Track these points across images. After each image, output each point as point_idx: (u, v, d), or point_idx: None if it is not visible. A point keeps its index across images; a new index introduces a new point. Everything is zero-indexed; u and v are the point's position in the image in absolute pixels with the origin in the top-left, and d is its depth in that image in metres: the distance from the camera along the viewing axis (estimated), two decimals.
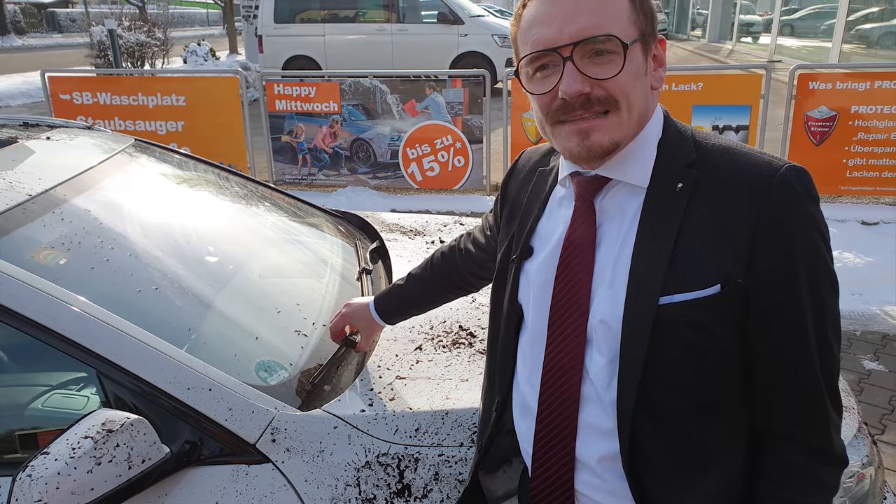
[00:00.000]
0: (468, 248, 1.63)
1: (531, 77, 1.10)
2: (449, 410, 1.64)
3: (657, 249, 1.05)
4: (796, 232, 1.01)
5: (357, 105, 6.84)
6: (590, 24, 1.02)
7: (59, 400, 1.73)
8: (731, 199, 1.03)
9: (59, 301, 1.53)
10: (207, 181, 2.70)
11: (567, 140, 1.08)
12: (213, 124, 7.03)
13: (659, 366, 1.05)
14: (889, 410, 3.40)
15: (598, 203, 1.14)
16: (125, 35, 14.03)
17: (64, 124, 2.71)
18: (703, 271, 1.02)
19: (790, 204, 1.01)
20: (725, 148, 1.09)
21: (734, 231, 1.02)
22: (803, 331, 1.04)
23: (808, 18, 16.05)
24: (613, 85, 1.04)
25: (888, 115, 5.76)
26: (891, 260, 4.92)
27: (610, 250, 1.11)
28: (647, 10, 1.09)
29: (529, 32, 1.07)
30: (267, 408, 1.56)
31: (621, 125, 1.06)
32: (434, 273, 1.69)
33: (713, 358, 1.06)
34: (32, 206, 1.82)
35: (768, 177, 1.02)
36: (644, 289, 1.05)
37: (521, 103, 6.43)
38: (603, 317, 1.09)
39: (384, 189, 7.08)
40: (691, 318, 1.03)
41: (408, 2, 13.75)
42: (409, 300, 1.73)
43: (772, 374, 1.06)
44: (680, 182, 1.07)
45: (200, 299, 1.93)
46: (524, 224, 1.27)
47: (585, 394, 1.13)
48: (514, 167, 1.41)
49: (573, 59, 1.03)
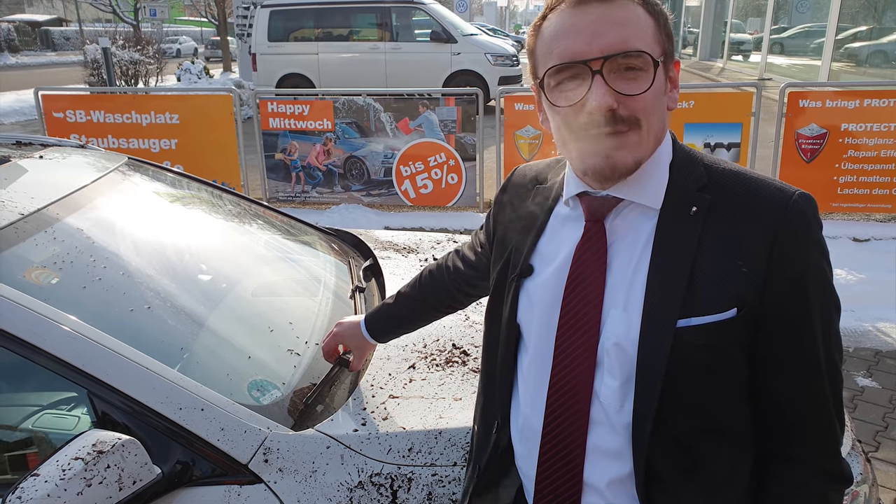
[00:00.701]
0: (457, 266, 1.61)
1: (553, 89, 1.07)
2: (442, 430, 1.63)
3: (674, 273, 1.05)
4: (808, 257, 1.03)
5: (351, 123, 6.86)
6: (620, 38, 1.02)
7: (50, 420, 1.71)
8: (745, 225, 1.04)
9: (50, 320, 1.52)
10: (200, 199, 2.70)
11: (591, 157, 1.06)
12: (206, 142, 7.04)
13: (675, 390, 1.04)
14: (883, 427, 3.40)
15: (608, 223, 1.12)
16: (119, 53, 14.07)
17: (57, 143, 2.71)
18: (721, 295, 1.03)
19: (803, 231, 1.03)
20: (736, 173, 1.10)
21: (749, 256, 1.02)
22: (815, 353, 1.05)
23: (798, 37, 16.20)
24: (639, 102, 1.03)
25: (878, 132, 5.81)
26: (883, 277, 4.94)
27: (623, 272, 1.09)
28: (668, 30, 1.09)
29: (555, 43, 1.05)
30: (259, 428, 1.55)
31: (641, 144, 1.06)
32: (422, 291, 1.67)
33: (727, 381, 1.07)
34: (24, 226, 1.82)
35: (782, 204, 1.03)
36: (661, 312, 1.04)
37: (513, 121, 6.46)
38: (617, 339, 1.07)
39: (378, 206, 7.08)
40: (708, 341, 1.03)
41: (401, 20, 13.85)
42: (398, 319, 1.72)
43: (784, 397, 1.07)
44: (694, 206, 1.07)
45: (193, 318, 1.92)
46: (523, 242, 1.25)
47: (594, 416, 1.11)
48: (508, 184, 1.39)
49: (602, 72, 1.01)
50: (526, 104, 6.48)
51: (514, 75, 13.64)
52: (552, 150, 1.16)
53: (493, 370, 1.31)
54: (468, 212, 6.90)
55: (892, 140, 5.80)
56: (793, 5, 16.66)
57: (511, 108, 6.50)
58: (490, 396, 1.33)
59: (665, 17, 1.09)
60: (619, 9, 1.03)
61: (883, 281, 4.88)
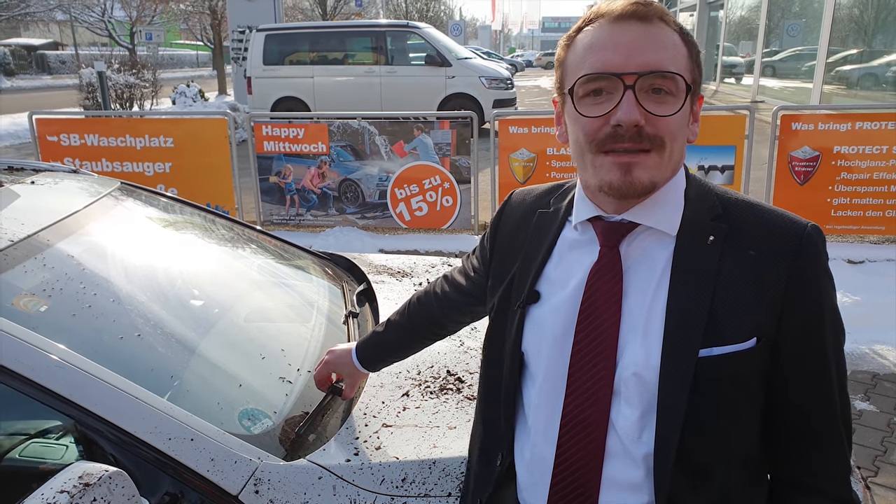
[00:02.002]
0: (446, 292, 1.56)
1: (582, 98, 1.06)
2: (436, 459, 1.61)
3: (694, 301, 1.04)
4: (822, 287, 1.06)
5: (346, 146, 6.87)
6: (657, 58, 1.02)
7: (37, 449, 1.68)
8: (762, 255, 1.04)
9: (37, 349, 1.49)
10: (193, 224, 2.68)
11: (609, 172, 1.04)
12: (201, 165, 7.03)
13: (697, 419, 1.03)
14: (881, 451, 3.38)
15: (622, 249, 1.11)
16: (114, 77, 14.12)
17: (49, 168, 2.70)
18: (741, 325, 1.03)
19: (816, 262, 1.05)
20: (748, 203, 1.11)
21: (767, 286, 1.03)
22: (828, 381, 1.07)
23: (789, 60, 16.37)
24: (666, 125, 1.03)
25: (870, 155, 5.84)
26: (878, 299, 4.93)
27: (640, 300, 1.08)
28: (699, 62, 1.09)
29: (590, 54, 1.05)
30: (250, 458, 1.52)
31: (661, 166, 1.05)
32: (411, 319, 1.62)
33: (747, 410, 1.07)
34: (14, 252, 1.80)
35: (797, 235, 1.05)
36: (682, 341, 1.03)
37: (508, 144, 6.48)
38: (636, 369, 1.05)
39: (372, 229, 7.07)
40: (730, 371, 1.03)
41: (396, 44, 13.95)
42: (388, 348, 1.68)
43: (800, 425, 1.09)
44: (711, 235, 1.07)
45: (184, 345, 1.89)
46: (527, 268, 1.22)
47: (610, 447, 1.09)
48: (505, 208, 1.36)
49: (635, 88, 1.01)
50: (520, 127, 6.50)
51: (509, 98, 13.72)
52: (547, 173, 1.15)
53: (494, 399, 1.27)
54: (463, 234, 6.89)
55: (885, 162, 5.83)
56: (784, 29, 16.86)
57: (505, 131, 6.52)
58: (492, 426, 1.29)
59: (697, 50, 1.09)
60: (658, 31, 1.04)
61: (879, 303, 4.88)
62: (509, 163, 6.52)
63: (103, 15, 28.73)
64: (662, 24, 1.04)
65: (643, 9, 1.03)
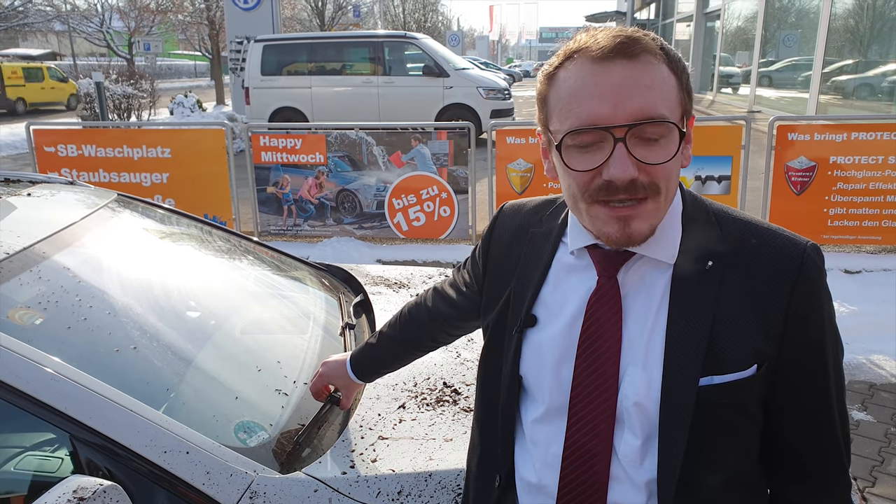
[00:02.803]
0: (437, 306, 1.52)
1: (570, 149, 1.00)
2: (433, 472, 1.60)
3: (694, 329, 1.02)
4: (823, 308, 1.04)
5: (343, 156, 6.88)
6: (647, 104, 0.96)
7: (32, 462, 1.68)
8: (763, 278, 1.03)
9: (31, 362, 1.49)
10: (190, 236, 2.68)
11: (606, 224, 1.01)
12: (198, 176, 7.03)
13: (698, 447, 1.02)
14: (879, 462, 3.37)
15: (620, 277, 1.08)
16: (112, 87, 14.14)
17: (46, 179, 2.70)
18: (741, 353, 1.01)
19: (817, 282, 1.03)
20: (746, 222, 1.08)
21: (768, 310, 1.01)
22: (828, 399, 1.07)
23: (785, 70, 16.44)
24: (661, 171, 0.98)
25: (865, 165, 5.86)
26: (875, 308, 4.94)
27: (640, 328, 1.06)
28: (689, 87, 1.04)
29: (574, 103, 0.98)
30: (246, 471, 1.52)
31: (658, 210, 1.01)
32: (403, 331, 1.60)
33: (748, 435, 1.07)
34: (9, 265, 1.79)
35: (797, 257, 1.03)
36: (682, 370, 1.02)
37: (505, 154, 6.49)
38: (637, 399, 1.04)
39: (370, 239, 7.07)
40: (730, 399, 1.02)
41: (394, 55, 13.99)
42: (381, 359, 1.65)
43: (799, 444, 1.09)
44: (709, 260, 1.05)
45: (180, 358, 1.89)
46: (523, 291, 1.19)
47: (614, 473, 1.08)
48: (496, 225, 1.32)
49: (626, 140, 0.96)
50: (517, 138, 6.52)
51: (506, 108, 13.76)
52: (544, 183, 1.13)
53: (492, 423, 1.25)
54: (461, 244, 6.90)
55: (880, 173, 5.85)
56: (780, 39, 16.93)
57: (503, 142, 6.53)
58: (489, 450, 1.27)
59: (687, 74, 1.04)
60: (645, 68, 0.97)
61: (876, 313, 4.88)
62: (507, 173, 6.53)
63: (102, 26, 28.80)
64: (649, 57, 0.97)
65: (628, 45, 0.96)
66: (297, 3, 31.72)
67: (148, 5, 28.18)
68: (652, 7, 32.46)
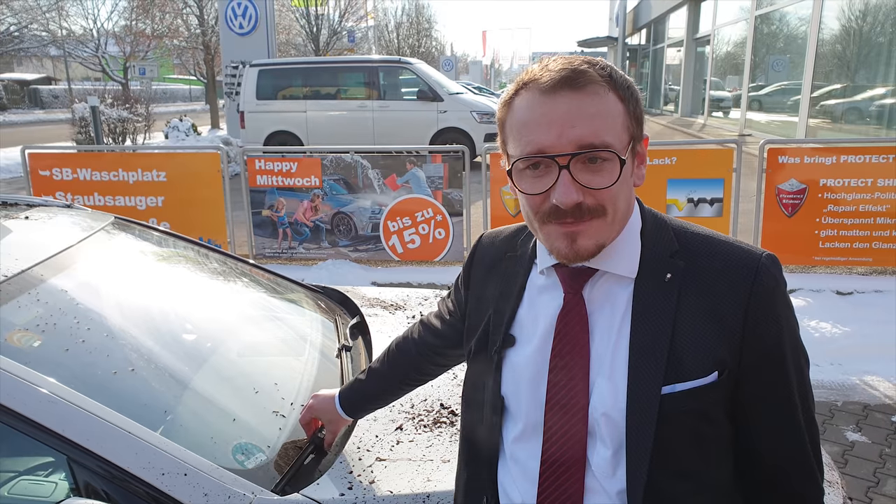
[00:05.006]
0: (423, 337, 1.55)
1: (521, 172, 1.07)
2: (430, 493, 1.61)
3: (654, 340, 1.06)
4: (780, 316, 1.07)
5: (338, 179, 6.91)
6: (589, 132, 1.01)
7: (27, 487, 1.67)
8: (719, 288, 1.06)
9: (28, 384, 1.49)
10: (186, 258, 2.69)
11: (556, 240, 1.07)
12: (193, 199, 7.05)
13: (665, 455, 1.05)
14: (874, 483, 3.37)
15: (586, 293, 1.13)
16: (107, 111, 14.18)
17: (43, 203, 2.71)
18: (701, 360, 1.05)
19: (773, 291, 1.06)
20: (704, 236, 1.13)
21: (725, 319, 1.05)
22: (792, 408, 1.10)
23: (775, 94, 16.60)
24: (605, 194, 1.03)
25: (855, 187, 5.91)
26: (868, 329, 4.96)
27: (605, 341, 1.10)
28: (638, 114, 1.08)
29: (524, 133, 1.04)
30: (244, 493, 1.52)
31: (606, 229, 1.06)
32: (391, 366, 1.61)
33: (714, 442, 1.09)
34: (8, 288, 1.80)
35: (752, 266, 1.06)
36: (645, 379, 1.05)
37: (499, 177, 6.53)
38: (605, 409, 1.07)
39: (365, 261, 7.08)
40: (693, 406, 1.05)
41: (388, 79, 14.10)
42: (370, 395, 1.66)
43: (767, 453, 1.11)
44: (668, 272, 1.09)
45: (177, 380, 1.89)
46: (501, 313, 1.23)
47: (589, 485, 1.11)
48: (475, 254, 1.37)
49: (569, 167, 1.01)
50: None
51: None
52: None
53: (477, 444, 1.27)
54: (456, 266, 6.90)
55: (870, 195, 5.90)
56: (769, 64, 17.13)
57: (497, 165, 6.57)
58: (475, 471, 1.28)
59: (636, 100, 1.08)
60: (591, 98, 1.02)
61: (868, 334, 4.90)
62: (501, 196, 6.57)
63: (97, 50, 28.93)
64: (595, 87, 1.02)
65: (573, 77, 1.01)
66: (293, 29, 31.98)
67: (144, 31, 28.32)
68: (643, 32, 32.85)
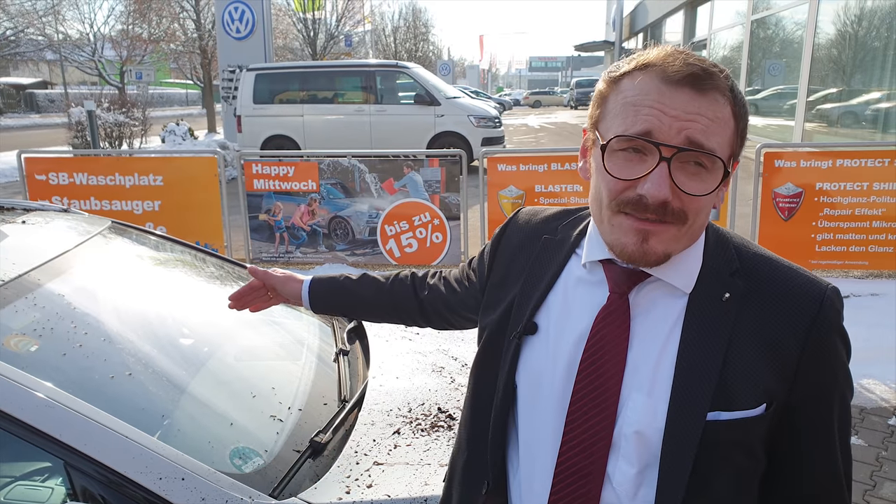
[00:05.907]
0: (437, 286, 1.49)
1: (614, 153, 0.99)
2: (428, 497, 1.61)
3: (706, 361, 0.99)
4: (838, 354, 1.03)
5: (336, 184, 6.91)
6: (702, 133, 0.95)
7: (23, 492, 1.67)
8: (779, 316, 1.01)
9: (25, 388, 1.49)
10: (184, 263, 2.69)
11: (625, 235, 0.99)
12: (190, 203, 7.04)
13: (698, 483, 0.99)
14: (871, 486, 3.38)
15: (631, 297, 1.05)
16: (104, 115, 14.18)
17: (40, 207, 2.71)
18: (752, 390, 0.99)
19: (835, 328, 1.02)
20: (767, 259, 1.07)
21: (781, 349, 0.99)
22: (831, 442, 1.05)
23: (771, 99, 16.66)
24: (694, 202, 0.97)
25: (851, 191, 5.94)
26: (864, 333, 4.97)
27: (646, 353, 1.03)
28: (744, 134, 1.03)
29: (632, 112, 0.97)
30: (241, 497, 1.51)
31: (679, 239, 1.00)
32: (393, 286, 1.55)
33: (750, 474, 1.04)
34: (5, 292, 1.80)
35: (817, 297, 1.01)
36: (691, 402, 0.99)
37: (496, 181, 6.54)
38: (639, 427, 1.01)
39: (362, 265, 7.08)
40: (737, 436, 0.99)
41: (386, 84, 14.11)
42: (354, 295, 1.57)
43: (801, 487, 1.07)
44: (727, 291, 1.03)
45: (174, 384, 1.89)
46: (528, 296, 1.16)
47: (607, 499, 1.05)
48: (508, 226, 1.30)
49: (671, 161, 0.95)
50: (508, 165, 6.58)
51: (497, 136, 13.86)
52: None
53: (482, 428, 1.21)
54: (453, 270, 6.91)
55: (866, 199, 5.93)
56: (765, 68, 17.19)
57: (494, 169, 6.59)
58: (476, 455, 1.23)
59: (746, 120, 1.02)
60: (711, 103, 0.96)
61: (865, 337, 4.91)
62: (498, 200, 6.58)
63: (93, 55, 28.94)
64: (717, 95, 0.97)
65: (700, 78, 0.96)
66: (290, 33, 32.00)
67: (140, 35, 28.35)
68: (640, 37, 32.93)
